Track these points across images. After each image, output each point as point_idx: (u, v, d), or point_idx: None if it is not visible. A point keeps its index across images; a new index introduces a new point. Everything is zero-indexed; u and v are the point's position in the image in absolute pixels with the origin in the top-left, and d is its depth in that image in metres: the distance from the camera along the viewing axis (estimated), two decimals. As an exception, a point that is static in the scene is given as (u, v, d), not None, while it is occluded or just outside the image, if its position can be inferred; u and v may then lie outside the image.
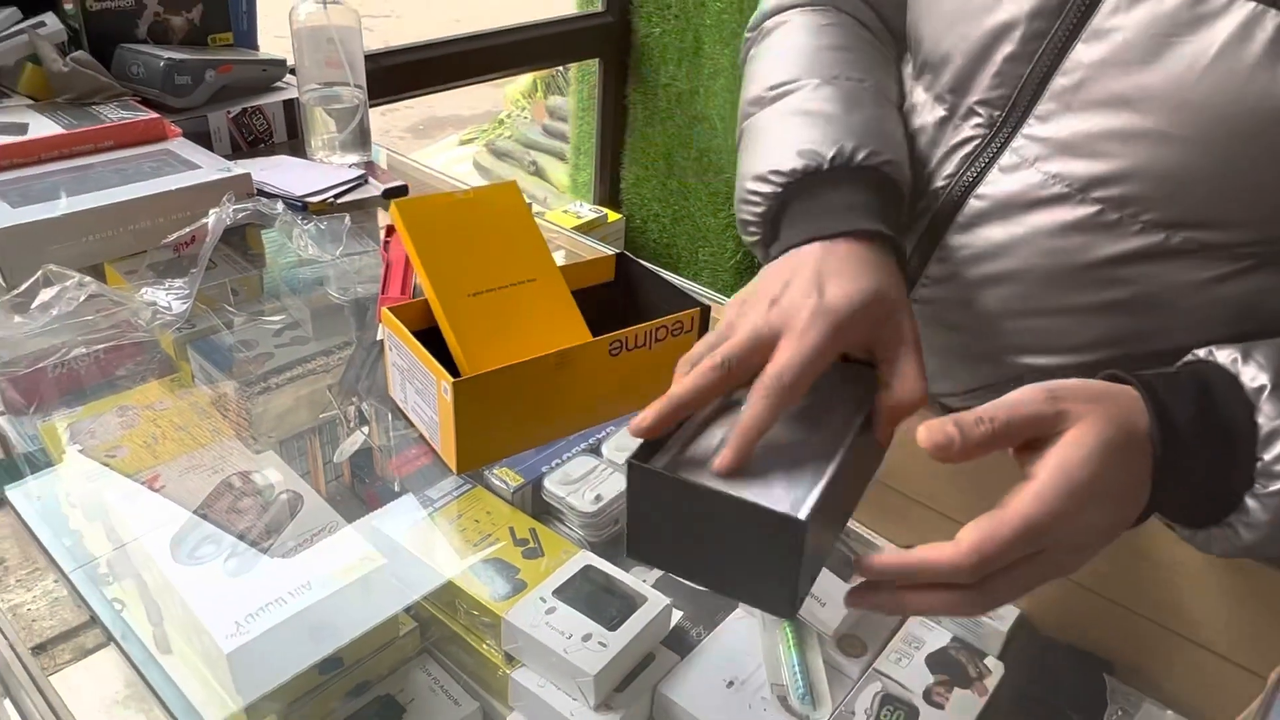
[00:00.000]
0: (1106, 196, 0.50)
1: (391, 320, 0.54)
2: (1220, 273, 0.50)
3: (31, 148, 0.77)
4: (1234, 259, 0.50)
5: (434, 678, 0.50)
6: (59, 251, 0.69)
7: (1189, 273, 0.50)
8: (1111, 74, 0.48)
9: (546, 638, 0.47)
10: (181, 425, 0.60)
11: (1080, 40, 0.49)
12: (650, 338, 0.55)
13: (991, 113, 0.54)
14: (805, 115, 0.54)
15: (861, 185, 0.51)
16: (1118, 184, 0.49)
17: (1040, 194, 0.52)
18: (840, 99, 0.55)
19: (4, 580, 0.51)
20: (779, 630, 0.50)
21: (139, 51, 0.89)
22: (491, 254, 0.57)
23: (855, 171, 0.52)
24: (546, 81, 3.09)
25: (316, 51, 0.87)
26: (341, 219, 0.78)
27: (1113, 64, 0.48)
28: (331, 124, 0.91)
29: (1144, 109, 0.47)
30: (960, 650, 0.50)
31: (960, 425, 0.36)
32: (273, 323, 0.70)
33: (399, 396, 0.57)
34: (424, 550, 0.55)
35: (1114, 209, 0.50)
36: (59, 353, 0.63)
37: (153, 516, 0.53)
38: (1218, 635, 0.46)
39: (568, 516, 0.57)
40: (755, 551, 0.38)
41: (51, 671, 0.47)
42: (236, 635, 0.45)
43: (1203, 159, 0.46)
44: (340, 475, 0.62)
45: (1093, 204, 0.51)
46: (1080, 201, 0.51)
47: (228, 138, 0.93)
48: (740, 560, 0.39)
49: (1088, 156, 0.50)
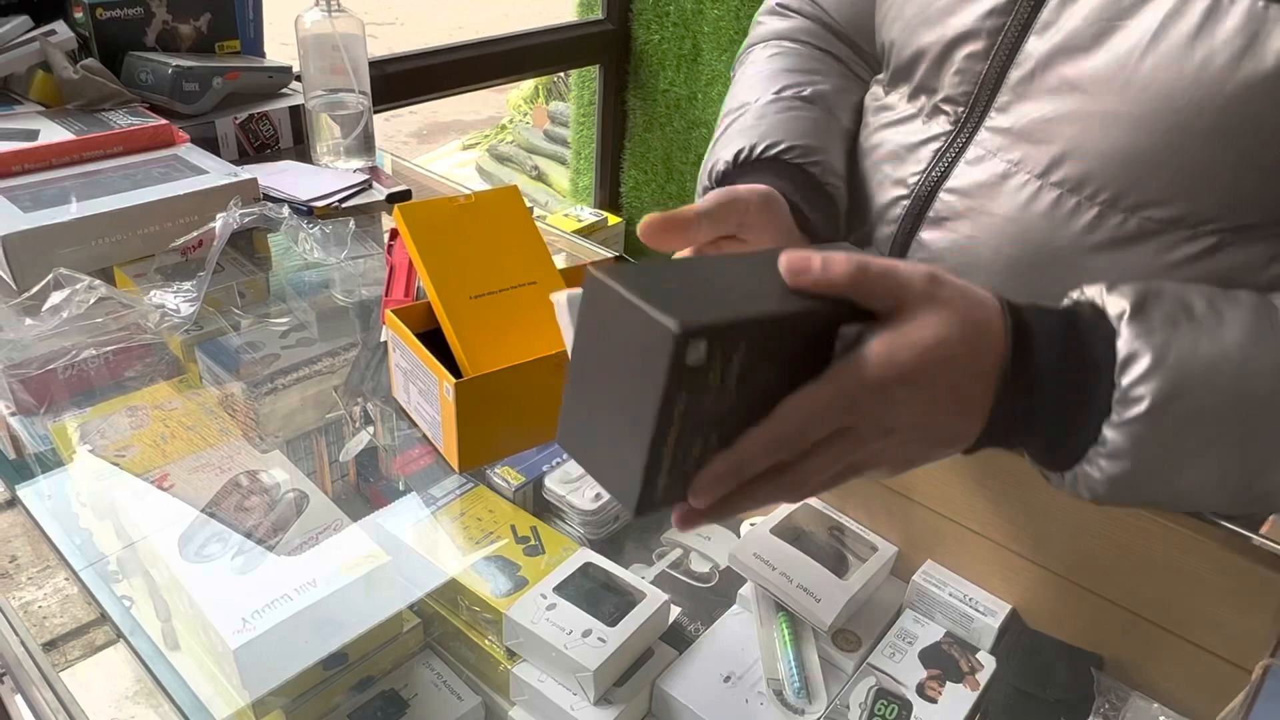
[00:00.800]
0: (1064, 178, 0.52)
1: (395, 322, 0.55)
2: (1185, 254, 0.51)
3: (42, 153, 0.78)
4: (1196, 238, 0.51)
5: (437, 673, 0.51)
6: (69, 255, 0.70)
7: (1155, 256, 0.51)
8: (1061, 61, 0.51)
9: (547, 633, 0.48)
10: (190, 425, 0.61)
11: (1032, 33, 0.52)
12: (649, 339, 0.56)
13: (956, 109, 0.57)
14: (740, 131, 0.61)
15: (768, 174, 0.58)
16: (1072, 165, 0.51)
17: (1004, 183, 0.54)
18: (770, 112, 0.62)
19: (16, 578, 0.52)
20: (775, 626, 0.51)
21: (148, 59, 0.90)
22: (493, 257, 0.58)
23: (762, 164, 0.59)
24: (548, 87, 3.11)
25: (322, 58, 0.89)
26: (346, 223, 0.79)
27: (1062, 52, 0.50)
28: (337, 129, 0.92)
29: (1093, 91, 0.49)
30: (953, 645, 0.51)
31: (827, 261, 0.34)
32: (279, 325, 0.71)
33: (402, 397, 0.58)
34: (427, 548, 0.56)
35: (1071, 192, 0.52)
36: (69, 354, 0.64)
37: (162, 515, 0.54)
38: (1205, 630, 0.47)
39: (568, 514, 0.58)
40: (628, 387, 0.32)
41: (62, 667, 0.47)
42: (243, 631, 0.46)
43: (1151, 135, 0.48)
44: (346, 474, 0.63)
45: (1052, 188, 0.52)
46: (1041, 187, 0.53)
47: (235, 143, 0.94)
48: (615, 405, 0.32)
49: (1044, 141, 0.52)
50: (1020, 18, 0.52)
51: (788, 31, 0.69)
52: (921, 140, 0.59)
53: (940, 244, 0.58)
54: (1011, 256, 0.55)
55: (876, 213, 0.62)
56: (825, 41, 0.69)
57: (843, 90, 0.66)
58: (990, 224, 0.55)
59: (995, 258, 0.56)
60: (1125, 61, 0.48)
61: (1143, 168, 0.49)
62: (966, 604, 0.52)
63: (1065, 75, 0.50)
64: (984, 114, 0.55)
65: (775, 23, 0.71)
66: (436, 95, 1.62)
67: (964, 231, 0.57)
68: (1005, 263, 0.55)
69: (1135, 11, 0.47)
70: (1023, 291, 0.56)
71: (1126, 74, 0.48)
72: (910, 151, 0.59)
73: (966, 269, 0.57)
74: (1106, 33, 0.48)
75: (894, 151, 0.61)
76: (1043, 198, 0.53)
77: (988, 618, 0.51)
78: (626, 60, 1.94)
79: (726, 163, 0.60)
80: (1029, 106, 0.52)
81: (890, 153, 0.61)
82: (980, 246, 0.56)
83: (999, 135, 0.54)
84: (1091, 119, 0.50)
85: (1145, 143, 0.48)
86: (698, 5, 1.80)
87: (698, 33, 1.83)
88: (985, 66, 0.54)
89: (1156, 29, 0.46)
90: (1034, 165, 0.53)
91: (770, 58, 0.68)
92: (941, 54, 0.56)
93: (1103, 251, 0.52)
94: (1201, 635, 0.46)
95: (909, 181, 0.59)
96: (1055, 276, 0.54)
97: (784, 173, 0.58)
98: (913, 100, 0.60)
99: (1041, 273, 0.55)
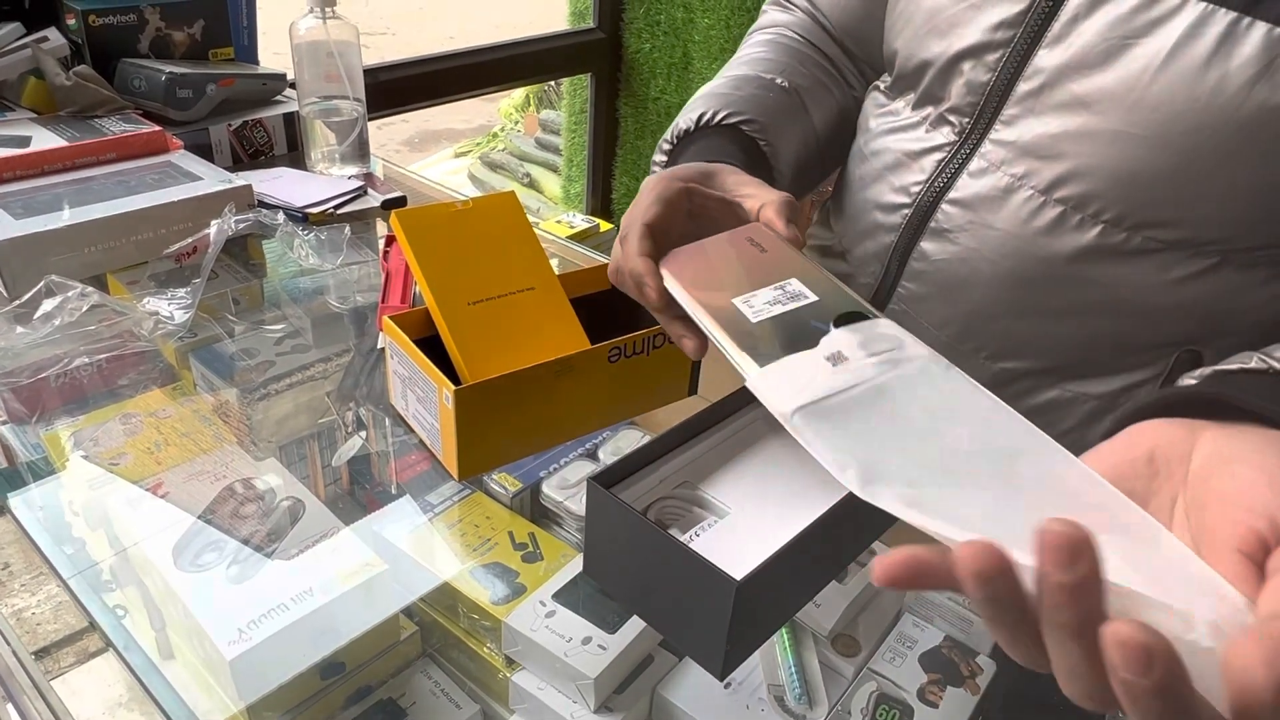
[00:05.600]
0: (1068, 196, 0.52)
1: (393, 329, 0.55)
2: (1186, 273, 0.51)
3: (34, 160, 0.77)
4: (1197, 257, 0.51)
5: (435, 681, 0.50)
6: (62, 262, 0.69)
7: (1155, 273, 0.52)
8: (1071, 77, 0.50)
9: (546, 641, 0.47)
10: (185, 432, 0.61)
11: (1042, 46, 0.51)
12: (649, 345, 0.56)
13: (961, 120, 0.56)
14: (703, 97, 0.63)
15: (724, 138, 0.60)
16: (1078, 182, 0.51)
17: (1007, 197, 0.54)
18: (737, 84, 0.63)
19: (8, 585, 0.51)
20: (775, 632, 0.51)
21: (141, 65, 0.90)
22: (490, 263, 0.58)
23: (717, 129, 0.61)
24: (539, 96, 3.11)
25: (316, 65, 0.88)
26: (341, 229, 0.79)
27: (1072, 68, 0.50)
28: (331, 136, 0.92)
29: (1101, 109, 0.49)
30: (953, 649, 0.51)
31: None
32: (274, 331, 0.71)
33: (400, 404, 0.58)
34: (424, 555, 0.56)
35: (1076, 209, 0.52)
36: (61, 362, 0.64)
37: (156, 522, 0.53)
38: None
39: (566, 520, 0.58)
40: (693, 601, 0.38)
41: (54, 675, 0.47)
42: (239, 642, 0.45)
43: (1159, 157, 0.48)
44: (339, 480, 0.63)
45: (1056, 205, 0.52)
46: (1044, 203, 0.53)
47: (229, 150, 0.94)
48: (679, 606, 0.38)
49: (1050, 158, 0.52)
50: (1030, 31, 0.51)
51: (786, 24, 0.70)
52: (925, 149, 0.59)
53: (941, 255, 0.58)
54: (1010, 270, 0.55)
55: (876, 220, 0.63)
56: (820, 40, 0.69)
57: (822, 86, 0.67)
58: (991, 237, 0.55)
59: (994, 271, 0.56)
60: (1136, 81, 0.47)
61: (1149, 188, 0.49)
62: (966, 607, 0.52)
63: (1074, 91, 0.50)
64: (989, 126, 0.55)
65: (776, 14, 0.72)
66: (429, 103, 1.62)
67: (964, 244, 0.57)
68: (1004, 276, 0.55)
69: (1149, 32, 0.47)
70: (1019, 304, 0.57)
71: (1137, 94, 0.47)
72: (913, 159, 0.59)
73: (965, 281, 0.58)
74: (1118, 51, 0.48)
75: (897, 159, 0.61)
76: (1045, 213, 0.53)
77: (987, 622, 0.51)
78: (618, 69, 1.95)
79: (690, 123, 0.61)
80: (1035, 121, 0.52)
81: (893, 160, 0.61)
82: (980, 259, 0.56)
83: (1003, 148, 0.54)
84: (1099, 137, 0.49)
85: (1153, 163, 0.48)
86: (688, 14, 1.81)
87: (688, 41, 1.84)
88: (993, 78, 0.54)
89: (1170, 50, 0.46)
90: (1038, 180, 0.52)
91: (762, 43, 0.69)
92: (949, 64, 0.56)
93: (1103, 267, 0.52)
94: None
95: (911, 190, 0.59)
96: (1053, 291, 0.55)
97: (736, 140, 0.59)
98: (918, 109, 0.60)
99: (1039, 287, 0.55)
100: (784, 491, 0.45)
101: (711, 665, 0.39)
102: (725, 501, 0.45)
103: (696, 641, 0.39)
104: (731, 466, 0.48)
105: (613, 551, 0.41)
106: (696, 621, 0.38)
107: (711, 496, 0.45)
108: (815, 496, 0.42)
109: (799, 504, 0.42)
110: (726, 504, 0.45)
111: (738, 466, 0.48)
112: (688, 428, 0.48)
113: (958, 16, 0.55)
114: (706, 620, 0.37)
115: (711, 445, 0.49)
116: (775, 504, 0.44)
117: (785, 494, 0.45)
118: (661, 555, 0.39)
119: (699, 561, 0.37)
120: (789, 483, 0.46)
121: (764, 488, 0.45)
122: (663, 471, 0.46)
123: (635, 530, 0.39)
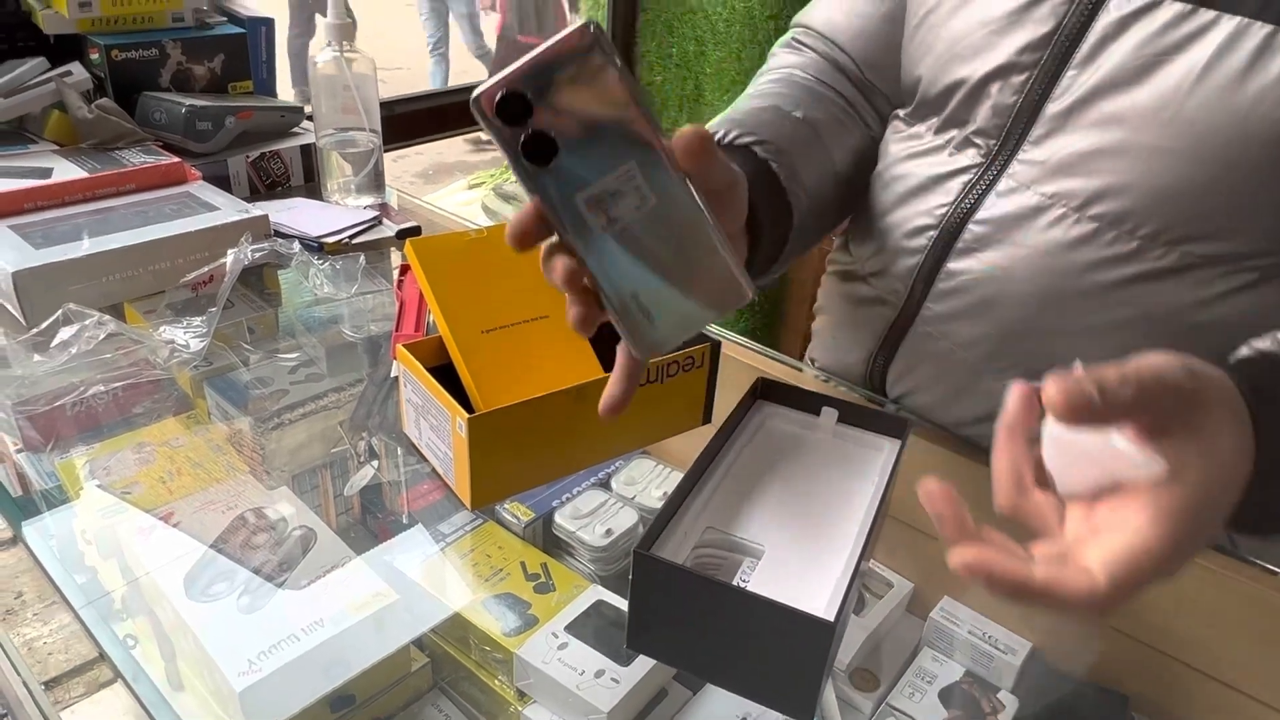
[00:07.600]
0: (1103, 212, 0.51)
1: (406, 357, 0.55)
2: (1222, 289, 0.51)
3: (55, 191, 0.78)
4: (1233, 274, 0.50)
5: (446, 715, 0.50)
6: (80, 291, 0.70)
7: (1191, 290, 0.51)
8: (1103, 95, 0.50)
9: (559, 674, 0.47)
10: (197, 461, 0.61)
11: (1071, 67, 0.51)
12: (662, 373, 0.56)
13: (988, 142, 0.56)
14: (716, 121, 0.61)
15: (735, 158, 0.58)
16: (1114, 199, 0.51)
17: (1038, 215, 0.54)
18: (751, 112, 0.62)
19: (20, 614, 0.51)
20: (792, 666, 0.50)
21: (161, 99, 0.92)
22: (504, 291, 0.58)
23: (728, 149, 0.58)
24: (552, 127, 3.15)
25: (333, 98, 0.90)
26: (356, 259, 0.79)
27: (1105, 87, 0.50)
28: (347, 168, 0.93)
29: (1136, 126, 0.49)
30: (973, 685, 0.49)
31: (1102, 384, 0.30)
32: (288, 360, 0.71)
33: (414, 433, 0.58)
34: (436, 585, 0.55)
35: (1111, 225, 0.51)
36: (77, 390, 0.64)
37: (167, 552, 0.53)
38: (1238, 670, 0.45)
39: (578, 551, 0.57)
40: (776, 651, 0.37)
41: (64, 706, 0.46)
42: (249, 673, 0.45)
43: (1196, 171, 0.48)
44: (350, 509, 0.62)
45: (1090, 221, 0.52)
46: (1078, 220, 0.52)
47: (246, 181, 0.95)
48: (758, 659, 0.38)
49: (1083, 175, 0.52)
50: (1058, 52, 0.52)
51: (798, 64, 0.70)
52: (949, 172, 0.59)
53: (969, 273, 0.58)
54: (1043, 286, 0.54)
55: (900, 243, 0.62)
56: (835, 80, 0.69)
57: (839, 124, 0.66)
58: (1021, 255, 0.55)
59: (1026, 288, 0.55)
60: (1172, 97, 0.47)
61: (1187, 202, 0.49)
62: (986, 642, 0.51)
63: (1106, 110, 0.50)
64: (1017, 146, 0.55)
65: (786, 56, 0.71)
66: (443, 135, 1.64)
67: (993, 260, 0.56)
68: (1033, 294, 0.55)
69: (1184, 47, 0.47)
70: (1048, 323, 0.56)
71: (1172, 109, 0.47)
72: (938, 183, 0.59)
73: (994, 300, 0.57)
74: (1152, 68, 0.48)
75: (920, 183, 0.61)
76: (1078, 230, 0.52)
77: (1008, 656, 0.50)
78: (631, 101, 1.97)
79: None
80: (1066, 140, 0.52)
81: (916, 184, 0.61)
82: (1008, 278, 0.56)
83: (1033, 168, 0.54)
84: (1136, 153, 0.49)
85: (1191, 178, 0.48)
86: (700, 47, 1.83)
87: (700, 74, 1.86)
88: (1020, 100, 0.54)
89: (1205, 65, 0.46)
90: (1071, 199, 0.52)
91: (775, 80, 0.68)
92: (974, 89, 0.56)
93: (1138, 284, 0.52)
94: (1234, 676, 0.45)
95: (936, 213, 0.59)
96: (1083, 309, 0.54)
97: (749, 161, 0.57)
98: (941, 133, 0.60)
99: (1069, 305, 0.54)
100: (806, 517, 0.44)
101: (804, 713, 0.38)
102: (756, 540, 0.44)
103: (782, 691, 0.38)
104: (747, 501, 0.47)
105: (669, 619, 0.40)
106: (782, 671, 0.37)
107: (741, 538, 0.44)
108: (837, 519, 0.42)
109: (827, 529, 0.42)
110: (759, 542, 0.44)
111: (753, 499, 0.47)
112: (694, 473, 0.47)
113: (981, 42, 0.55)
114: (795, 667, 0.36)
115: (717, 483, 0.48)
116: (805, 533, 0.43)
117: (808, 520, 0.44)
118: (733, 612, 0.38)
119: (783, 610, 0.36)
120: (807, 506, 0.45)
121: (786, 518, 0.45)
122: (685, 524, 0.45)
123: (698, 592, 0.38)
